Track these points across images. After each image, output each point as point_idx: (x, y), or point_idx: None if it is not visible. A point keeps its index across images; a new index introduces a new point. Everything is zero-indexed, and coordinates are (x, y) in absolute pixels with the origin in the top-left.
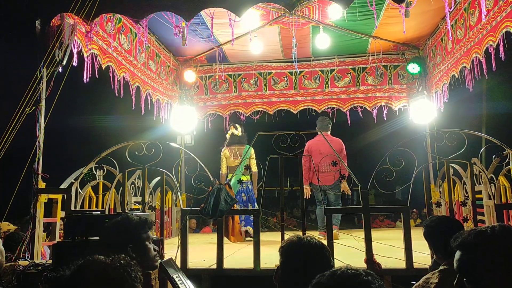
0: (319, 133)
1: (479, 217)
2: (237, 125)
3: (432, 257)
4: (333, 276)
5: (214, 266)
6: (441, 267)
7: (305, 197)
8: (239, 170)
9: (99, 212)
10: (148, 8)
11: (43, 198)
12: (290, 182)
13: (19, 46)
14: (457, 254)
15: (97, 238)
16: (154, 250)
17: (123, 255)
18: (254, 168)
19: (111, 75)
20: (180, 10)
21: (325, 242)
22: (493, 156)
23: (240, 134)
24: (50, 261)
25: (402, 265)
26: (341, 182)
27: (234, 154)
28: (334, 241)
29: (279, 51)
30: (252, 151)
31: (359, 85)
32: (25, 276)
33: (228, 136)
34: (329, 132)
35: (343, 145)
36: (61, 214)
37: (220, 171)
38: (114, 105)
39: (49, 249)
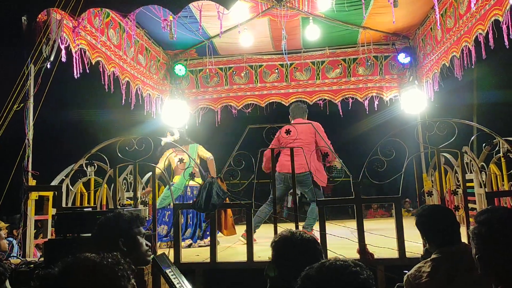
0: (292, 120)
1: (470, 205)
2: (172, 130)
3: (424, 246)
4: (321, 268)
5: (208, 260)
6: (433, 256)
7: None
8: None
9: (90, 209)
10: (135, 1)
11: (34, 195)
12: None
13: (5, 42)
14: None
15: (89, 234)
16: (146, 245)
17: (114, 252)
18: (207, 154)
19: (101, 70)
20: (168, 4)
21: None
22: (484, 145)
23: (177, 138)
24: (42, 259)
25: (394, 254)
26: (325, 161)
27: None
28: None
29: (269, 43)
30: (199, 147)
31: (350, 76)
32: (16, 274)
33: (163, 144)
34: (305, 119)
35: (321, 127)
36: (52, 211)
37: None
38: (105, 100)
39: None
